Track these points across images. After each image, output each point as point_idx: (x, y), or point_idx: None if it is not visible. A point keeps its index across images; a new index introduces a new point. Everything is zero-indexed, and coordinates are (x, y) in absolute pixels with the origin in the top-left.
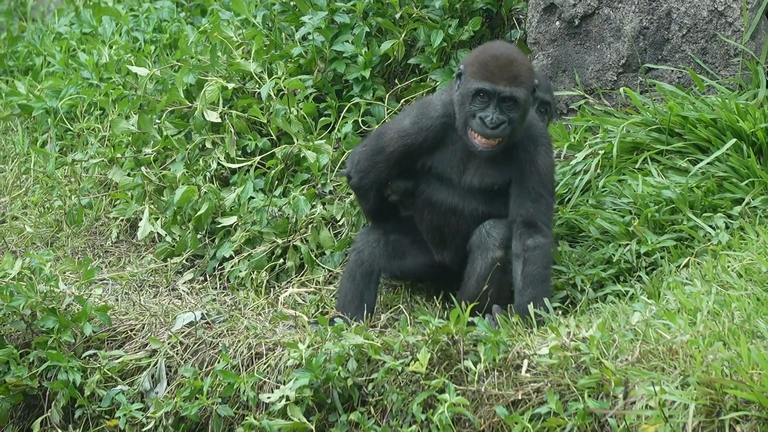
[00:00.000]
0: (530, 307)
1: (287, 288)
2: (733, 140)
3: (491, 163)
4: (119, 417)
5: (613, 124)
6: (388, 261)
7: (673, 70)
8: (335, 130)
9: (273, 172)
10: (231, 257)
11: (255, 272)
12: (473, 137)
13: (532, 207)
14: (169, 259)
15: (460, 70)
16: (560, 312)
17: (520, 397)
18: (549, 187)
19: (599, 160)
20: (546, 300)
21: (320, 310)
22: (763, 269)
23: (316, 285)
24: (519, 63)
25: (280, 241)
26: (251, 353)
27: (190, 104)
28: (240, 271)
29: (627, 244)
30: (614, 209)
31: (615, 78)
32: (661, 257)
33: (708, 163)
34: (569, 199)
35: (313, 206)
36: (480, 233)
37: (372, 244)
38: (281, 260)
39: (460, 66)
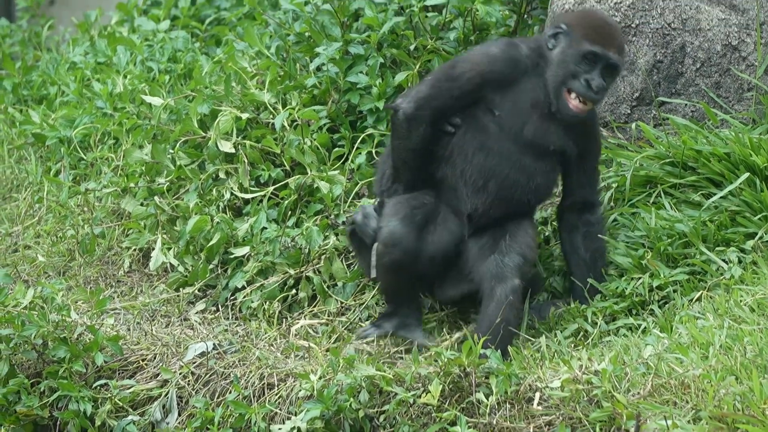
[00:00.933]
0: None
1: (299, 319)
2: (747, 174)
3: (554, 123)
4: None
5: (626, 158)
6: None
7: (686, 104)
8: (349, 161)
9: (286, 202)
10: (243, 287)
11: (267, 303)
12: (568, 99)
13: (589, 186)
14: (181, 289)
15: (561, 28)
16: (572, 345)
17: (531, 430)
18: (599, 166)
19: (612, 194)
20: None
21: (332, 341)
22: None
23: (329, 316)
24: (622, 35)
25: (292, 271)
26: (263, 384)
27: (204, 134)
28: (252, 302)
29: (639, 278)
30: (627, 242)
31: (629, 111)
32: (674, 291)
33: (721, 197)
34: None
35: (326, 237)
36: (496, 262)
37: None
38: (293, 291)
39: (561, 25)
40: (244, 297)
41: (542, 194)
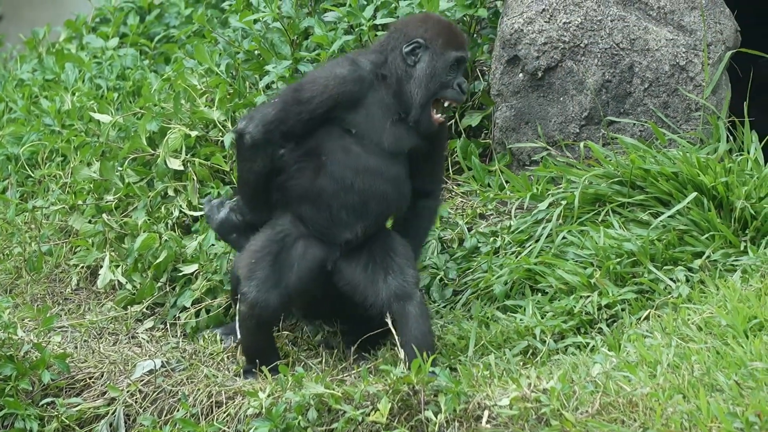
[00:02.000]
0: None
1: None
2: (694, 194)
3: (406, 127)
4: None
5: (575, 176)
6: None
7: (635, 124)
8: None
9: None
10: (192, 305)
11: (209, 331)
12: (431, 113)
13: (432, 177)
14: (129, 307)
15: (419, 42)
16: (521, 363)
17: None
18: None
19: (561, 211)
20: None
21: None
22: (723, 322)
23: (277, 331)
24: None
25: None
26: (211, 402)
27: (153, 152)
28: (195, 323)
29: (588, 296)
30: (576, 261)
31: (577, 130)
32: (622, 309)
33: (669, 216)
34: (531, 249)
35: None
36: (397, 283)
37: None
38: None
39: (417, 39)
40: (187, 318)
41: (408, 199)
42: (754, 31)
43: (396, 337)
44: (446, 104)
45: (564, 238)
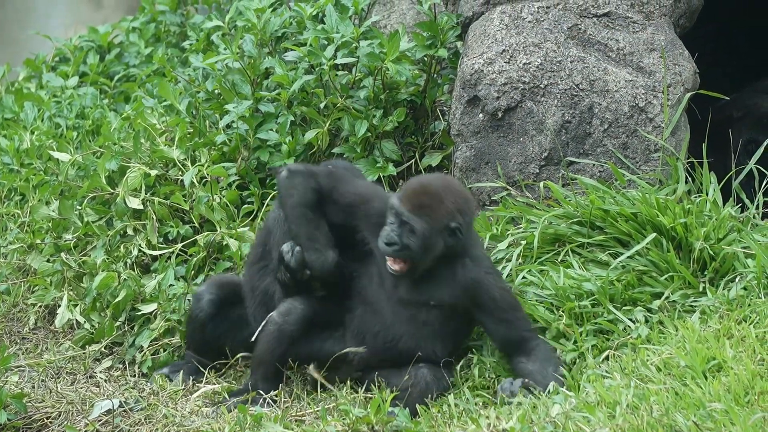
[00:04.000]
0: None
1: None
2: (653, 234)
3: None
4: None
5: (535, 216)
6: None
7: (594, 164)
8: (258, 219)
9: (195, 259)
10: (150, 345)
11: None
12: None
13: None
14: (87, 346)
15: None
16: (480, 403)
17: None
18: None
19: (521, 250)
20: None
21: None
22: (682, 363)
23: (236, 371)
24: (431, 199)
25: None
26: None
27: (112, 191)
28: (152, 362)
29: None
30: (536, 301)
31: (537, 171)
32: (584, 350)
33: (628, 257)
34: None
35: None
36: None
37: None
38: None
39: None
40: (143, 357)
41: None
42: (713, 72)
43: None
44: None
45: (524, 278)
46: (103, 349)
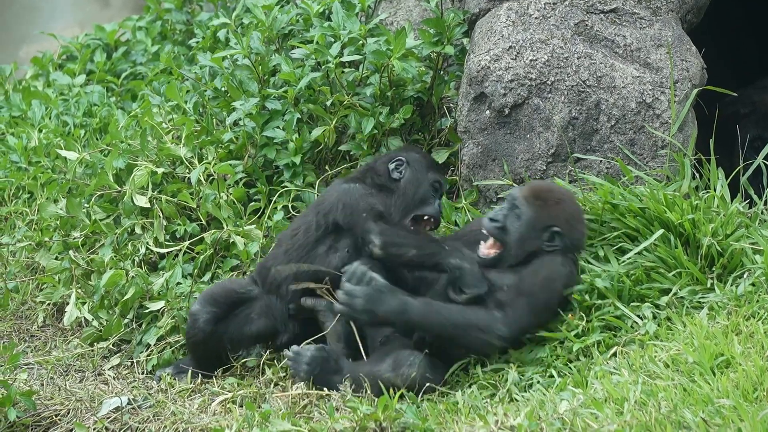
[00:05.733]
0: None
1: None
2: (661, 231)
3: None
4: None
5: None
6: None
7: (601, 161)
8: (265, 216)
9: (202, 257)
10: (157, 342)
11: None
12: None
13: None
14: (95, 344)
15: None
16: (488, 400)
17: None
18: None
19: None
20: None
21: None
22: (690, 360)
23: (243, 370)
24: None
25: None
26: None
27: (120, 189)
28: (158, 360)
29: (561, 341)
30: None
31: (544, 167)
32: (591, 346)
33: (636, 253)
34: None
35: None
36: None
37: None
38: None
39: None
40: (149, 355)
41: None
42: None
43: None
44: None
45: None
46: (111, 346)
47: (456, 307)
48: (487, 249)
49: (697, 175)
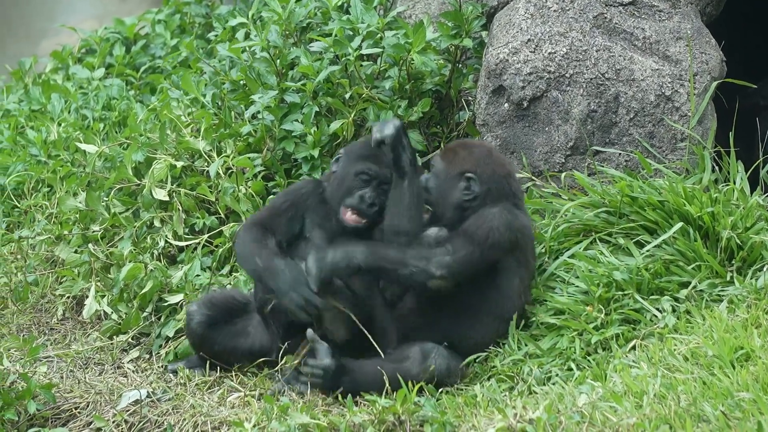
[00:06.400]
0: None
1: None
2: (680, 224)
3: None
4: None
5: (561, 204)
6: None
7: (620, 154)
8: None
9: (221, 250)
10: (176, 335)
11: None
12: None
13: None
14: (114, 337)
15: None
16: (507, 392)
17: None
18: None
19: (547, 241)
20: None
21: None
22: (709, 353)
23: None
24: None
25: None
26: (197, 431)
27: (139, 182)
28: (175, 353)
29: (580, 333)
30: (566, 292)
31: (563, 160)
32: (610, 339)
33: (655, 246)
34: None
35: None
36: None
37: None
38: None
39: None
40: (168, 348)
41: None
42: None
43: None
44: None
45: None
46: (130, 339)
47: (397, 247)
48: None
49: (716, 167)
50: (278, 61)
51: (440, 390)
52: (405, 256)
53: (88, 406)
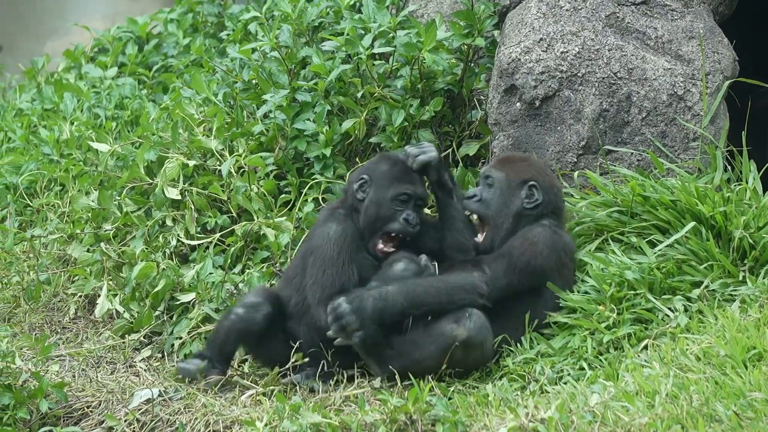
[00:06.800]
0: None
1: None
2: (693, 223)
3: None
4: None
5: (573, 203)
6: None
7: (632, 153)
8: (296, 208)
9: (232, 249)
10: (188, 334)
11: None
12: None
13: None
14: (126, 336)
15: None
16: (519, 392)
17: None
18: None
19: None
20: None
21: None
22: (722, 353)
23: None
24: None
25: None
26: (208, 430)
27: (151, 181)
28: (190, 351)
29: (586, 334)
30: (578, 291)
31: (575, 160)
32: (622, 338)
33: (667, 246)
34: None
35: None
36: None
37: None
38: None
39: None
40: (180, 347)
41: None
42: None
43: None
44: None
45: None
46: (142, 338)
47: (430, 278)
48: (478, 237)
49: (728, 167)
50: (290, 60)
51: (452, 389)
52: (445, 285)
53: (100, 404)
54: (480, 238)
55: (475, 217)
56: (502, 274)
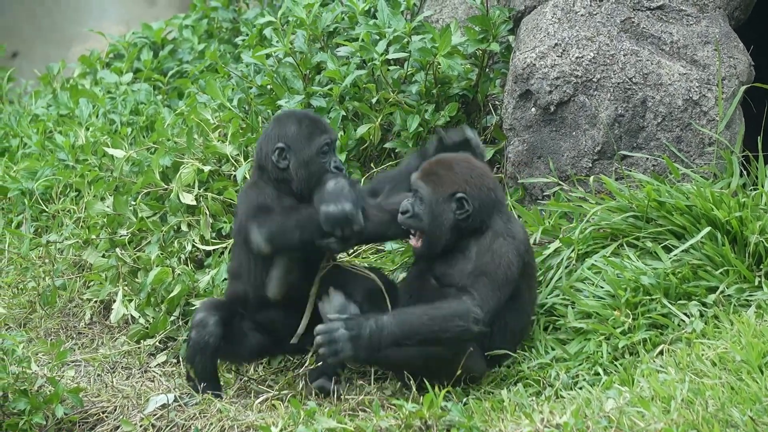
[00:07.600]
0: None
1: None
2: (708, 228)
3: None
4: None
5: (588, 208)
6: None
7: (648, 158)
8: None
9: None
10: None
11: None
12: None
13: None
14: (142, 341)
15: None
16: (534, 397)
17: None
18: None
19: (575, 246)
20: None
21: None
22: (738, 358)
23: (287, 363)
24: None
25: None
26: None
27: (166, 186)
28: None
29: (601, 338)
30: (593, 296)
31: (590, 165)
32: (637, 343)
33: (683, 251)
34: (547, 284)
35: None
36: None
37: None
38: None
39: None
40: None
41: None
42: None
43: None
44: None
45: (580, 276)
46: (157, 343)
47: (423, 306)
48: (414, 242)
49: (744, 172)
50: (304, 65)
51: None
52: (440, 313)
53: (115, 410)
54: (414, 242)
55: None
56: (489, 293)
